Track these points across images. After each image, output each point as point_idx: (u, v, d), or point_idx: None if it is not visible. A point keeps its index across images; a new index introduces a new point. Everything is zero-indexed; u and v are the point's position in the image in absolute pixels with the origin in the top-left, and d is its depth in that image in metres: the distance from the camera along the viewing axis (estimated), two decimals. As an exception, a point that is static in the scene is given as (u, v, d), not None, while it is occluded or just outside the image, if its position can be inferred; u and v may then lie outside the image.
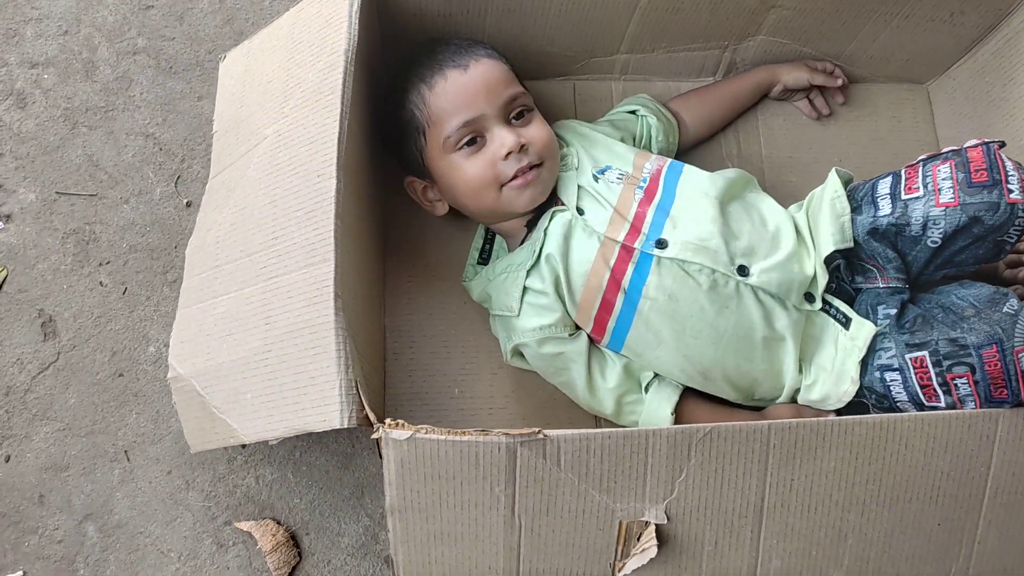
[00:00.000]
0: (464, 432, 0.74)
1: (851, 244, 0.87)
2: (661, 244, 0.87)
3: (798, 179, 1.09)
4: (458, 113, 0.88)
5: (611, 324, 0.90)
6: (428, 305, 1.01)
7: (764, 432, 0.75)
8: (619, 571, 0.79)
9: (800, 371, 0.89)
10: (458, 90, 0.88)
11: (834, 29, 1.05)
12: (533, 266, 0.90)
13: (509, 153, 0.88)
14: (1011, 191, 0.79)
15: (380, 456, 0.73)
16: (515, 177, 0.89)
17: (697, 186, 0.91)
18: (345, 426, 0.72)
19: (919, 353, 0.80)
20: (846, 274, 0.91)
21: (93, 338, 0.95)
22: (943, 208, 0.81)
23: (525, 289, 0.90)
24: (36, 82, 1.04)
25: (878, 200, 0.86)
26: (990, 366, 0.75)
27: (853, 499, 0.79)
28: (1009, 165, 0.81)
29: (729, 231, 0.88)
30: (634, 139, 1.02)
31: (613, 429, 0.75)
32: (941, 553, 0.83)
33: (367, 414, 0.74)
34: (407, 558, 0.83)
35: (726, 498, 0.78)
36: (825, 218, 0.89)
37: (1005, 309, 0.78)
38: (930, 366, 0.79)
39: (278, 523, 0.91)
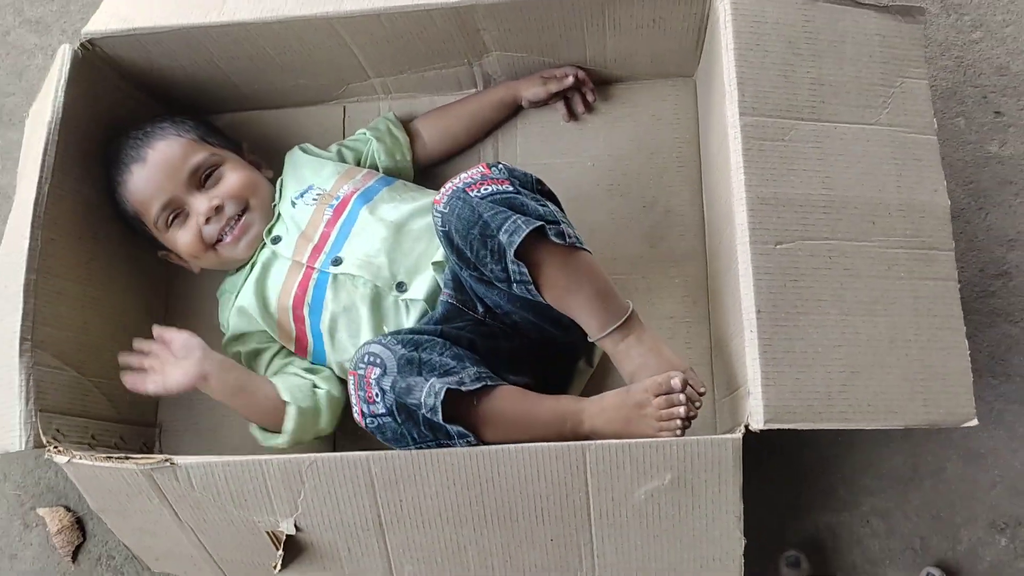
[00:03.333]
0: (109, 459, 0.88)
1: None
2: (337, 262, 0.98)
3: (551, 186, 1.11)
4: (152, 200, 1.00)
5: (308, 337, 1.01)
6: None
7: (364, 461, 0.84)
8: (276, 569, 0.92)
9: None
10: (144, 181, 1.00)
11: (555, 42, 1.04)
12: (240, 292, 1.02)
13: (208, 219, 1.00)
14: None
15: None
16: (222, 236, 1.01)
17: (378, 212, 0.99)
18: (22, 449, 0.89)
19: None
20: None
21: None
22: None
23: (232, 312, 1.03)
24: None
25: None
26: None
27: (462, 517, 0.86)
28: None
29: (398, 251, 0.97)
30: (359, 160, 1.09)
31: (232, 457, 0.86)
32: (562, 564, 0.89)
33: (41, 439, 0.90)
34: (134, 544, 1.01)
35: (346, 514, 0.87)
36: None
37: None
38: None
39: (68, 509, 1.10)
